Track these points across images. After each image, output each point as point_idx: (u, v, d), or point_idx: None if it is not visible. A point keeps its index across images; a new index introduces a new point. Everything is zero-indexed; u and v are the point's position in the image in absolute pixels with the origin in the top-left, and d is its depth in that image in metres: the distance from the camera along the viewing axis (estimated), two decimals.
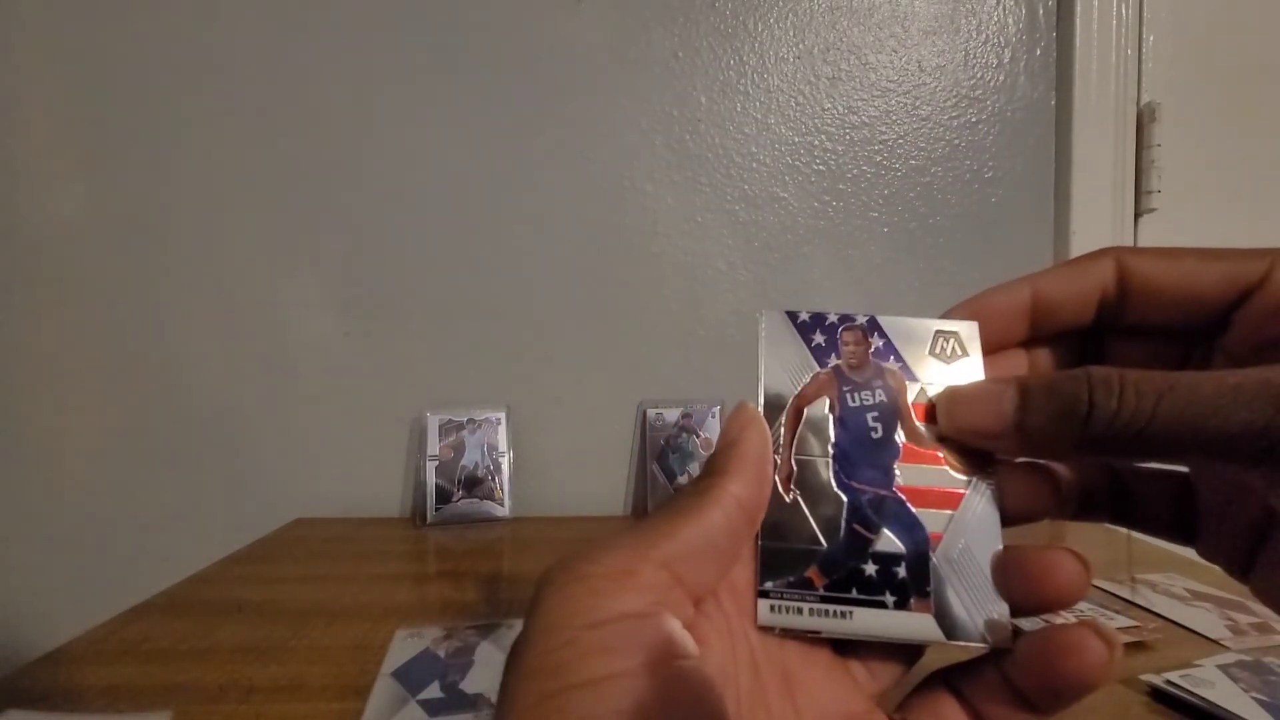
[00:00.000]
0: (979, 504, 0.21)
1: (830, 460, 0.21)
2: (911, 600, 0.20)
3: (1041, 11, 0.90)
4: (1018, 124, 0.91)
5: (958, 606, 0.20)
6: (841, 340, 0.22)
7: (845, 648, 0.21)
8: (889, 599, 0.20)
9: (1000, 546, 0.20)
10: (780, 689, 0.20)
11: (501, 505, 0.85)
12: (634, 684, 0.15)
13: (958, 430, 0.21)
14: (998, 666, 0.20)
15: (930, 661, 0.22)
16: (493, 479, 0.86)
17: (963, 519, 0.21)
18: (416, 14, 0.88)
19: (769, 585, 0.20)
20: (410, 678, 0.46)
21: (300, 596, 0.60)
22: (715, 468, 0.20)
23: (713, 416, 0.88)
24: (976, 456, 0.21)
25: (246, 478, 0.89)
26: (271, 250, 0.89)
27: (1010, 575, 0.20)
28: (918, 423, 0.22)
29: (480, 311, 0.90)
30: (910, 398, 0.22)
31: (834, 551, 0.21)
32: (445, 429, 0.87)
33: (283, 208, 0.89)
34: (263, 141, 0.89)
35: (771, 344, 0.22)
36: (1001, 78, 0.91)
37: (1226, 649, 0.49)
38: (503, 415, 0.88)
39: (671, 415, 0.88)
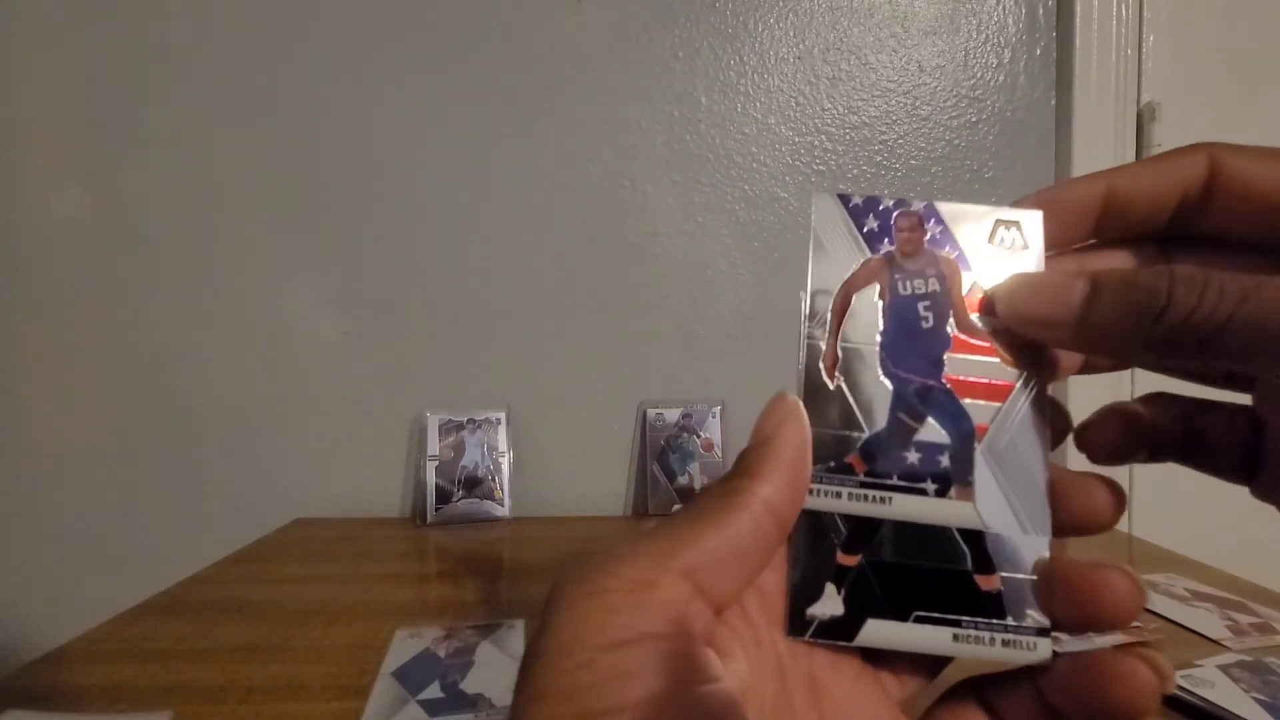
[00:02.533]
0: (1026, 402, 0.20)
1: (877, 348, 0.21)
2: (953, 489, 0.20)
3: (1041, 11, 0.90)
4: (1018, 124, 0.91)
5: (999, 498, 0.20)
6: (896, 226, 0.21)
7: (875, 656, 0.21)
8: (930, 486, 0.20)
9: (1044, 449, 0.20)
10: (807, 698, 0.19)
11: (501, 505, 0.85)
12: (652, 713, 0.15)
13: (1018, 318, 0.20)
14: (1031, 683, 0.19)
15: (959, 669, 0.21)
16: (493, 479, 0.86)
17: (1010, 413, 0.20)
18: (417, 14, 0.88)
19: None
20: (410, 678, 0.46)
21: (300, 596, 0.60)
22: (746, 467, 0.19)
23: (713, 416, 0.88)
24: (1029, 352, 0.20)
25: (246, 478, 0.89)
26: (271, 250, 0.89)
27: (1057, 591, 0.19)
28: (971, 313, 0.21)
29: (480, 311, 0.90)
30: (965, 288, 0.21)
31: (877, 438, 0.20)
32: (445, 429, 0.87)
33: (283, 208, 0.89)
34: (263, 141, 0.89)
35: (822, 229, 0.21)
36: (1001, 78, 0.91)
37: (1227, 649, 0.49)
38: (503, 415, 0.88)
39: (671, 415, 0.88)
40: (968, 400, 0.20)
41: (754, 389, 0.89)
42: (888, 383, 0.21)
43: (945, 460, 0.20)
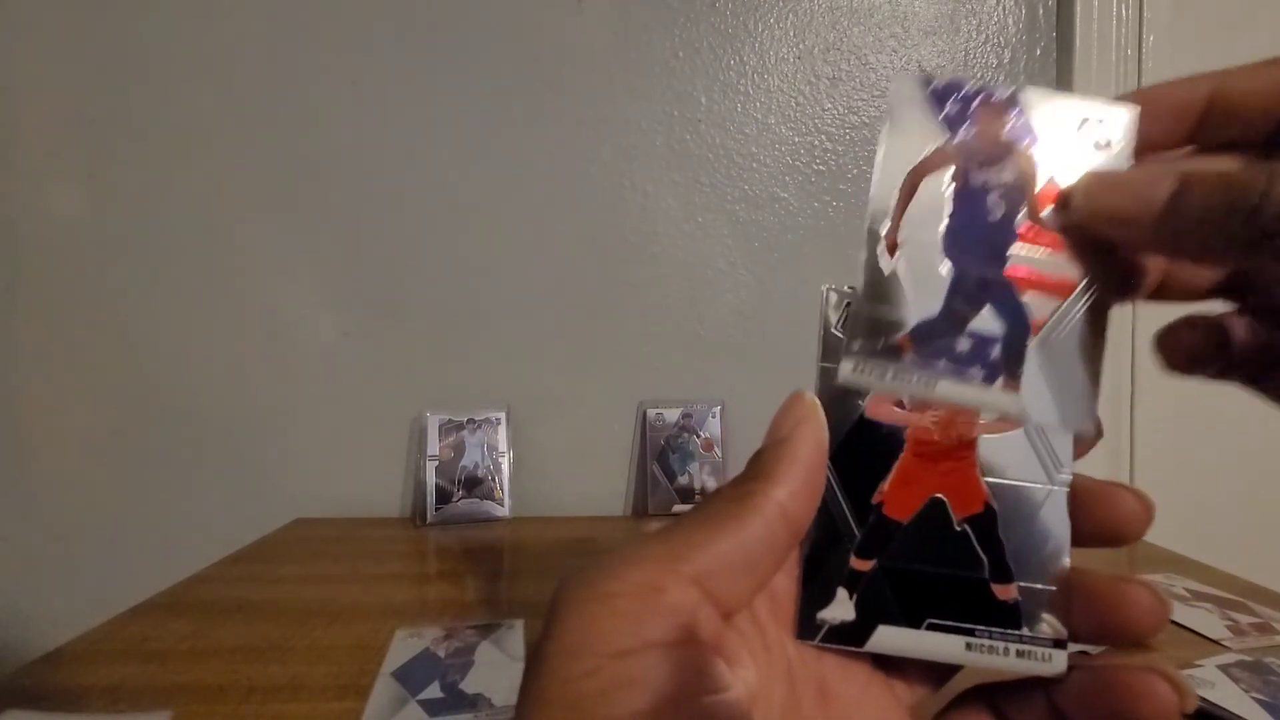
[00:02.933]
0: (1085, 306, 0.20)
1: (941, 234, 0.20)
2: (1000, 379, 0.19)
3: (1041, 11, 0.90)
4: None
5: (1045, 393, 0.19)
6: (975, 116, 0.20)
7: (886, 662, 0.20)
8: (978, 373, 0.19)
9: (1098, 354, 0.20)
10: (815, 702, 0.19)
11: (501, 505, 0.85)
12: None
13: (1095, 213, 0.19)
14: (1044, 693, 0.18)
15: (970, 676, 0.21)
16: (493, 479, 0.86)
17: (1069, 312, 0.20)
18: (417, 14, 0.88)
19: (855, 345, 0.20)
20: (410, 678, 0.46)
21: (300, 596, 0.60)
22: (760, 469, 0.18)
23: (713, 416, 0.88)
24: (1100, 254, 0.20)
25: (246, 478, 0.89)
26: (271, 250, 0.89)
27: (1077, 602, 0.19)
28: (1044, 209, 0.20)
29: (480, 311, 0.90)
30: (1040, 183, 0.20)
31: (930, 323, 0.20)
32: (445, 429, 0.87)
33: (283, 208, 0.89)
34: (263, 141, 0.89)
35: (898, 110, 0.20)
36: (1001, 78, 0.91)
37: (1227, 649, 0.49)
38: (503, 415, 0.88)
39: (671, 415, 0.88)
40: (1029, 295, 0.20)
41: (754, 389, 0.89)
42: (946, 269, 0.20)
43: (996, 351, 0.19)
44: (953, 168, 0.20)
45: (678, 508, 0.86)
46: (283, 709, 0.43)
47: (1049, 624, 0.19)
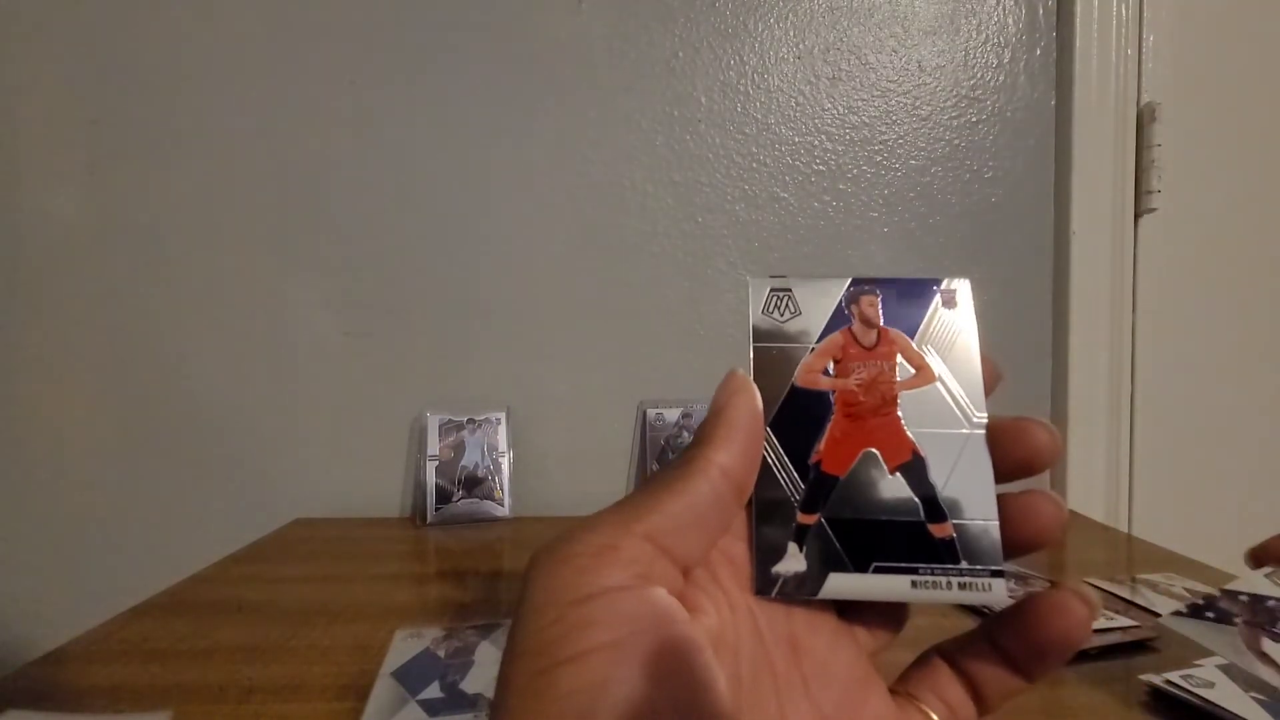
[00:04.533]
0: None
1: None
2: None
3: (1041, 11, 0.90)
4: (1018, 124, 0.91)
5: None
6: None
7: (847, 611, 0.22)
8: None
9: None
10: (788, 656, 0.20)
11: (501, 505, 0.85)
12: (619, 654, 0.16)
13: None
14: (986, 635, 0.21)
15: (926, 636, 0.23)
16: (493, 479, 0.86)
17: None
18: (416, 14, 0.88)
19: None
20: (410, 678, 0.46)
21: (300, 596, 0.60)
22: (701, 437, 0.20)
23: None
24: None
25: (246, 478, 0.89)
26: (271, 250, 0.89)
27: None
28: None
29: (480, 311, 0.90)
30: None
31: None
32: (445, 429, 0.87)
33: (283, 208, 0.89)
34: (263, 141, 0.89)
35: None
36: (1001, 78, 0.91)
37: None
38: (503, 415, 0.88)
39: (671, 415, 0.88)
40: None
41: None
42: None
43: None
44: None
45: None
46: (283, 709, 0.43)
47: (985, 555, 0.20)
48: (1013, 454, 0.21)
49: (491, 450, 0.86)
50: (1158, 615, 0.54)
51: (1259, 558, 0.23)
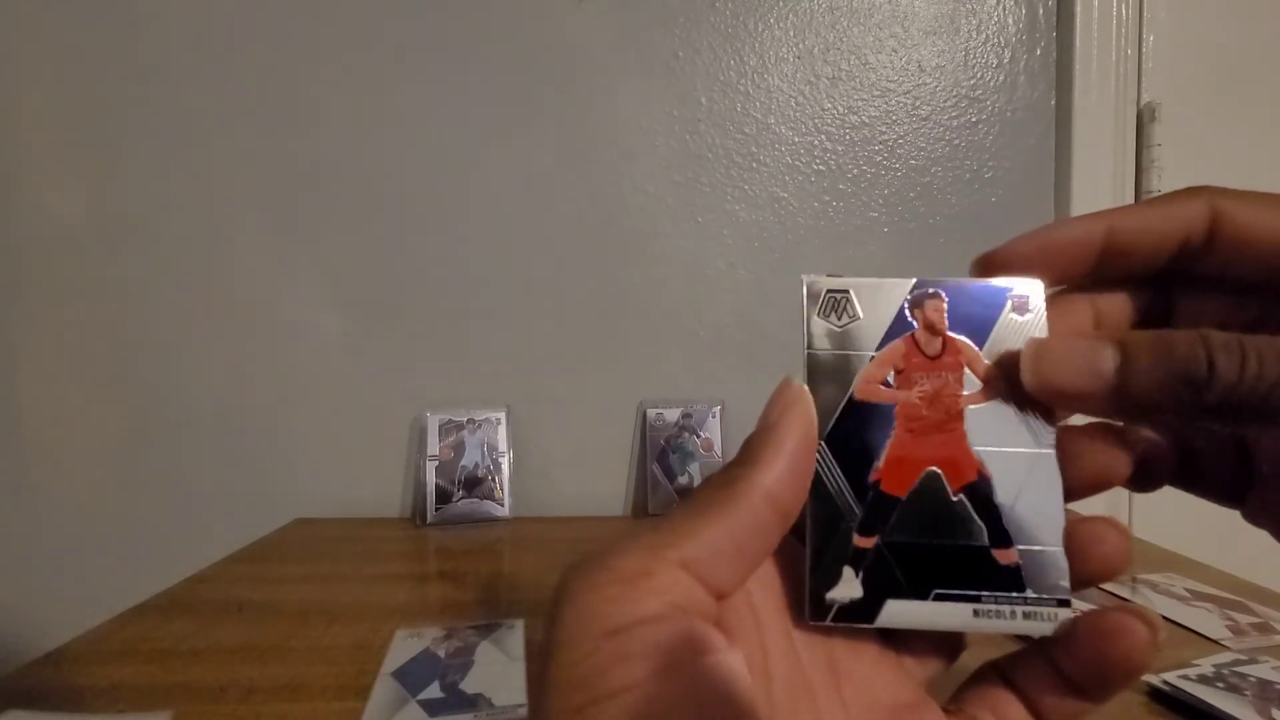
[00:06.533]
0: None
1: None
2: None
3: (1041, 11, 0.90)
4: (1018, 124, 0.91)
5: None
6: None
7: (894, 638, 0.21)
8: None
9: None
10: (826, 680, 0.20)
11: (501, 505, 0.85)
12: (656, 690, 0.15)
13: (1044, 387, 0.19)
14: (1045, 655, 0.19)
15: (982, 653, 0.22)
16: (493, 479, 0.86)
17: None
18: (417, 14, 0.88)
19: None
20: (410, 678, 0.46)
21: (300, 596, 0.60)
22: (747, 455, 0.19)
23: (713, 416, 0.88)
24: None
25: (246, 478, 0.89)
26: (271, 250, 0.89)
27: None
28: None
29: (480, 311, 0.90)
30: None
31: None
32: (445, 429, 0.87)
33: (283, 207, 0.89)
34: (263, 141, 0.89)
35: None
36: (1001, 78, 0.91)
37: (1226, 649, 0.49)
38: (503, 415, 0.88)
39: (671, 415, 0.88)
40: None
41: (754, 389, 0.89)
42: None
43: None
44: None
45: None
46: (283, 709, 0.43)
47: (1051, 584, 0.19)
48: (1084, 472, 0.20)
49: (491, 450, 0.86)
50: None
51: (986, 264, 0.22)
